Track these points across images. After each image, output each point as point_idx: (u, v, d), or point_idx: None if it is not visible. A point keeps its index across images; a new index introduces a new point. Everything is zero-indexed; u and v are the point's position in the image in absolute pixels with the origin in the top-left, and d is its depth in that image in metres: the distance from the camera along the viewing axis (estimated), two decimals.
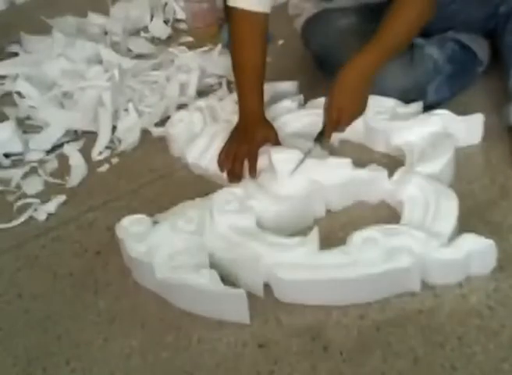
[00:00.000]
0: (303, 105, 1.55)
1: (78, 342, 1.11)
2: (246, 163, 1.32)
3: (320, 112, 1.33)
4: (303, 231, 1.19)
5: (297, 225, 1.23)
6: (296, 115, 1.49)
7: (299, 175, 1.25)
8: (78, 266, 1.27)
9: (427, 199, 1.17)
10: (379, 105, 1.41)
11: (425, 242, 1.07)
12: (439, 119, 1.34)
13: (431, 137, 1.32)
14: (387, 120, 1.38)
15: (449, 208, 1.15)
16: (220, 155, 1.37)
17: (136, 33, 2.22)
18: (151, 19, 2.28)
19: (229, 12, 1.43)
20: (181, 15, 2.29)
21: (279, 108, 1.51)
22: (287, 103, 1.52)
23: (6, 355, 1.11)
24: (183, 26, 2.26)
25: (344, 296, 1.08)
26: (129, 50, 2.08)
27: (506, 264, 1.11)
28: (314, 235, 1.13)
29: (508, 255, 1.12)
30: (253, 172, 1.31)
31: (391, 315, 1.05)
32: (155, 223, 1.22)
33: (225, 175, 1.35)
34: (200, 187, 1.38)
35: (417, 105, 1.42)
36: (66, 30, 2.12)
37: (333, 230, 1.22)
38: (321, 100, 1.37)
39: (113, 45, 2.05)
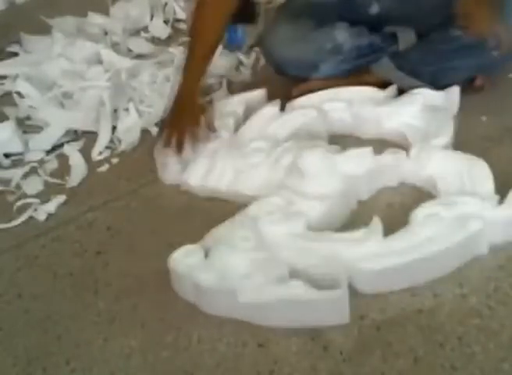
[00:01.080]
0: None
1: (78, 342, 1.11)
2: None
3: (305, 111, 1.44)
4: (346, 226, 1.22)
5: (338, 220, 1.24)
6: (283, 119, 1.48)
7: (328, 173, 1.27)
8: (78, 266, 1.27)
9: (458, 169, 1.21)
10: (360, 95, 1.47)
11: (483, 205, 1.11)
12: (421, 96, 1.40)
13: (423, 114, 1.38)
14: (372, 107, 1.43)
15: (483, 172, 1.20)
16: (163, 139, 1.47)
17: (136, 33, 2.22)
18: (151, 19, 2.28)
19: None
20: (181, 15, 2.29)
21: (262, 115, 1.50)
22: (268, 109, 1.51)
23: (6, 355, 1.11)
24: (182, 26, 2.25)
25: (426, 273, 1.09)
26: (129, 50, 2.08)
27: (506, 264, 1.11)
28: (377, 224, 1.13)
29: (508, 255, 1.12)
30: (178, 151, 1.43)
31: (391, 315, 1.05)
32: (207, 250, 1.16)
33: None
34: None
35: (392, 89, 1.49)
36: (66, 30, 2.12)
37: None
38: (301, 100, 1.48)
39: (113, 45, 2.05)
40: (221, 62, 1.89)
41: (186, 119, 1.45)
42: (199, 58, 1.49)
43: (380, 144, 1.38)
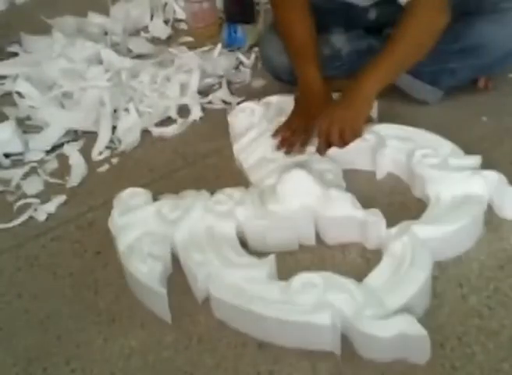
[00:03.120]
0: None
1: (78, 342, 1.11)
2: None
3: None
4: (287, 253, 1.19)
5: (281, 245, 1.20)
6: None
7: (297, 197, 1.20)
8: (78, 266, 1.27)
9: (400, 265, 1.06)
10: (432, 147, 1.29)
11: (359, 308, 0.98)
12: (484, 181, 1.19)
13: (461, 198, 1.17)
14: (431, 167, 1.24)
15: (412, 282, 1.02)
16: (280, 126, 1.42)
17: (136, 33, 2.22)
18: (151, 19, 2.28)
19: None
20: (181, 15, 2.29)
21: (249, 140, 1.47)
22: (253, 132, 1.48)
23: (6, 355, 1.11)
24: (183, 26, 2.26)
25: (264, 332, 1.04)
26: (129, 50, 2.08)
27: (506, 264, 1.11)
28: (269, 261, 1.10)
29: (508, 255, 1.12)
30: (303, 145, 1.36)
31: None
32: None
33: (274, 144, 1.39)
34: (201, 187, 1.38)
35: (475, 159, 1.25)
36: (66, 30, 2.12)
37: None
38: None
39: (113, 45, 2.05)
40: (221, 62, 1.89)
41: (317, 111, 1.39)
42: (306, 59, 1.47)
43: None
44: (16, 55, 2.13)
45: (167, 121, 1.70)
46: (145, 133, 1.67)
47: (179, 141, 1.63)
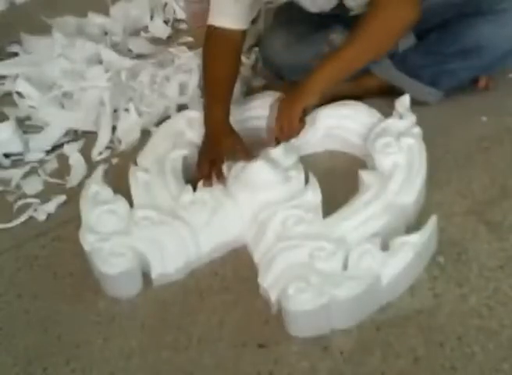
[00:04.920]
0: None
1: (78, 342, 1.11)
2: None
3: None
4: None
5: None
6: None
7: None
8: (78, 266, 1.27)
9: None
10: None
11: None
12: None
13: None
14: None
15: None
16: (197, 173, 1.35)
17: (136, 33, 2.22)
18: (151, 19, 2.28)
19: (207, 31, 1.46)
20: (181, 15, 2.28)
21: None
22: None
23: (6, 355, 1.11)
24: (183, 26, 2.25)
25: None
26: (129, 50, 2.08)
27: (506, 264, 1.11)
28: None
29: (508, 255, 1.12)
30: (220, 181, 1.30)
31: (391, 315, 1.06)
32: None
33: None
34: None
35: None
36: (66, 30, 2.12)
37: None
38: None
39: (113, 45, 2.05)
40: None
41: (222, 145, 1.36)
42: (220, 99, 1.43)
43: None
44: (16, 55, 2.13)
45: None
46: (145, 133, 1.67)
47: None
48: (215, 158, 1.33)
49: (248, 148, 1.36)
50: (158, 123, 1.68)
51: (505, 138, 1.40)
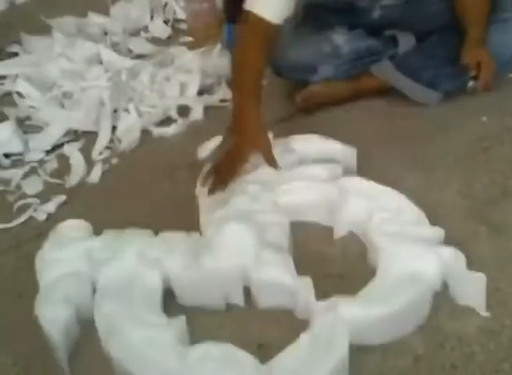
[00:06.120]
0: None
1: (78, 342, 1.11)
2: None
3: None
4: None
5: (208, 300, 1.13)
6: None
7: (231, 253, 1.12)
8: None
9: (315, 344, 0.97)
10: (395, 211, 1.19)
11: None
12: (436, 258, 1.07)
13: (408, 277, 1.05)
14: (386, 235, 1.13)
15: (321, 366, 0.95)
16: (208, 171, 1.31)
17: (136, 33, 2.22)
18: (151, 19, 2.28)
19: (243, 15, 1.41)
20: (181, 15, 2.29)
21: None
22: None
23: (6, 355, 1.11)
24: (183, 26, 2.26)
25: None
26: (129, 50, 2.08)
27: (506, 264, 1.11)
28: (178, 323, 1.03)
29: (508, 255, 1.12)
30: (223, 186, 1.26)
31: None
32: None
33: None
34: None
35: (437, 231, 1.14)
36: (66, 30, 2.12)
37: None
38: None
39: (113, 45, 2.05)
40: (221, 62, 1.89)
41: (248, 150, 1.29)
42: (251, 88, 1.35)
43: None
44: (16, 55, 2.13)
45: (167, 121, 1.70)
46: (145, 133, 1.67)
47: (179, 141, 1.63)
48: (234, 162, 1.28)
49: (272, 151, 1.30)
50: (158, 123, 1.69)
51: (505, 138, 1.40)
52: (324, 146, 1.39)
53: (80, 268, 1.15)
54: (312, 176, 1.29)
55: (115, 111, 1.72)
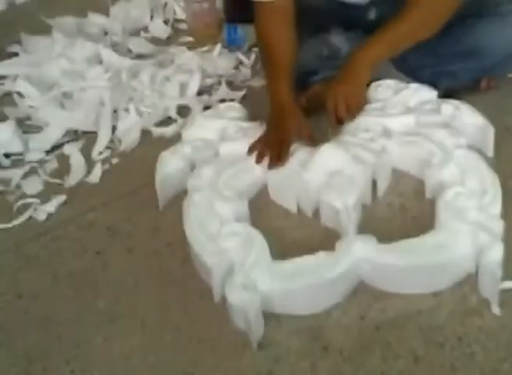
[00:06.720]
0: None
1: (78, 342, 1.11)
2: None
3: None
4: None
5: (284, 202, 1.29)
6: None
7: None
8: (78, 266, 1.27)
9: None
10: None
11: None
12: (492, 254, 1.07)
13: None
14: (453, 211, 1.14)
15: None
16: (255, 142, 1.36)
17: (136, 33, 2.22)
18: (151, 19, 2.28)
19: (254, 8, 1.45)
20: (181, 15, 2.29)
21: None
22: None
23: (6, 355, 1.11)
24: (183, 26, 2.26)
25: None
26: (129, 50, 2.08)
27: (506, 264, 1.11)
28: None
29: (508, 255, 1.12)
30: (283, 159, 1.30)
31: (391, 315, 1.05)
32: None
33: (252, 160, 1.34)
34: None
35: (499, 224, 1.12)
36: (66, 30, 2.12)
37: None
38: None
39: (113, 45, 2.05)
40: (221, 62, 1.89)
41: (292, 124, 1.36)
42: (280, 76, 1.42)
43: None
44: (16, 55, 2.13)
45: (167, 121, 1.70)
46: (145, 133, 1.67)
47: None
48: (283, 138, 1.33)
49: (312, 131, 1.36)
50: (158, 123, 1.69)
51: (505, 138, 1.40)
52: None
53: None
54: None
55: (115, 111, 1.72)
